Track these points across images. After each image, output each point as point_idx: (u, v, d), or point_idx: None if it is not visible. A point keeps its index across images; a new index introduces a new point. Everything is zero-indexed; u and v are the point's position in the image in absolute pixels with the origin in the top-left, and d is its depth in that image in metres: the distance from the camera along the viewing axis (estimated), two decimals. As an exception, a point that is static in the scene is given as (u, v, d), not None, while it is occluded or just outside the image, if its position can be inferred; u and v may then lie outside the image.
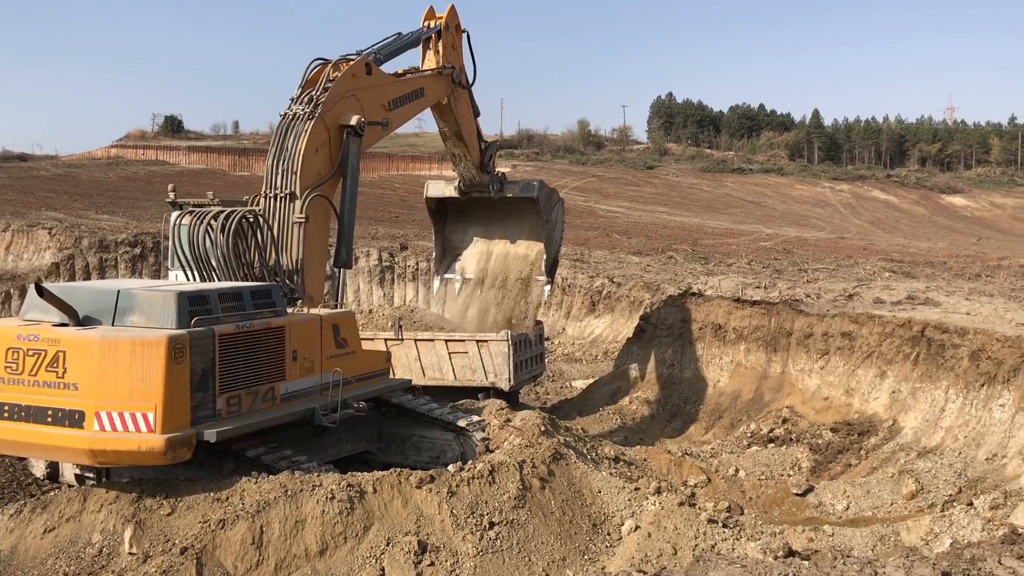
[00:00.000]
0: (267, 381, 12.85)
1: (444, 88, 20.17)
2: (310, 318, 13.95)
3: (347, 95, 16.17)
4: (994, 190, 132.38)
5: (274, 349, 12.97)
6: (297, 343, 13.35)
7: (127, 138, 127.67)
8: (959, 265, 44.48)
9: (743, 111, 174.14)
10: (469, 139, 22.04)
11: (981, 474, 15.09)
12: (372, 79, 17.05)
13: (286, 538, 10.89)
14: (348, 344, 14.51)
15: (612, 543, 12.39)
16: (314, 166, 15.31)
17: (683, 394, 23.81)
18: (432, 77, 19.71)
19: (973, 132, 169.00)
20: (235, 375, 12.24)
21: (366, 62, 16.87)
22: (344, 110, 16.05)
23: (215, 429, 11.56)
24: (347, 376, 14.13)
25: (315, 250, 15.19)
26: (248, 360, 12.50)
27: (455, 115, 21.02)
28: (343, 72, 16.20)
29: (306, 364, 13.49)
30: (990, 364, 16.82)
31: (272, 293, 13.50)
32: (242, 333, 12.34)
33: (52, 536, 10.94)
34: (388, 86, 17.78)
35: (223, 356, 11.98)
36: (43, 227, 42.94)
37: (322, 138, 15.52)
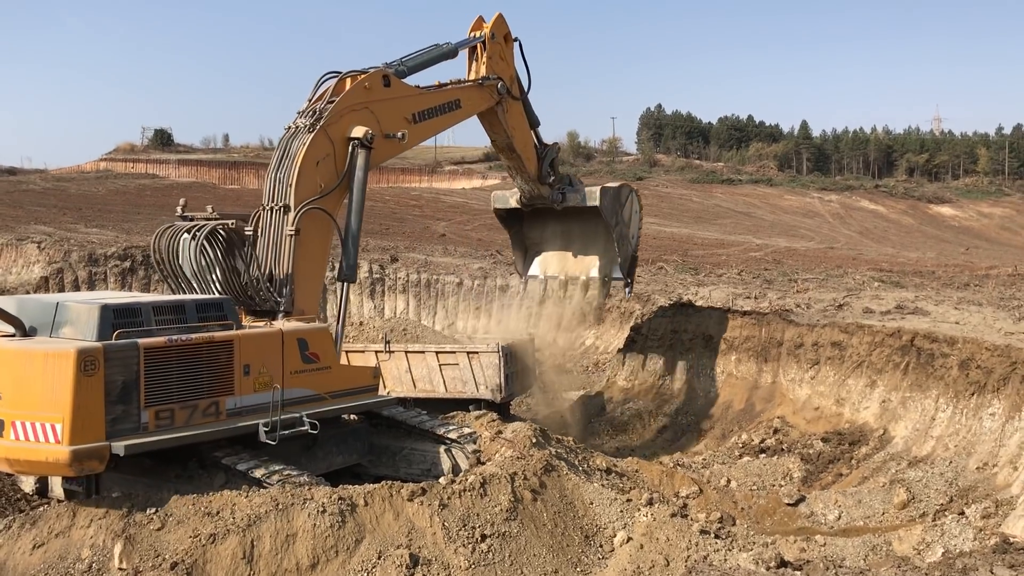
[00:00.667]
0: (209, 395, 12.72)
1: (485, 100, 19.61)
2: (267, 332, 13.67)
3: (358, 107, 15.95)
4: (981, 200, 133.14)
5: (218, 363, 12.82)
6: (249, 357, 13.14)
7: (116, 151, 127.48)
8: (948, 275, 44.66)
9: (732, 122, 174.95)
10: (522, 151, 21.31)
11: (972, 483, 15.14)
12: (391, 91, 16.75)
13: (277, 552, 10.84)
14: (320, 359, 14.12)
15: (604, 555, 12.36)
16: (313, 178, 15.17)
17: (674, 405, 23.83)
18: (470, 89, 19.21)
19: (960, 142, 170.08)
20: (165, 388, 12.19)
21: (384, 74, 16.63)
22: (353, 122, 15.82)
23: (130, 442, 11.58)
24: (321, 392, 13.96)
25: (308, 263, 15.06)
26: (183, 373, 12.41)
27: (504, 127, 20.44)
28: (354, 84, 16.04)
29: (262, 379, 13.29)
30: (979, 373, 16.89)
31: (223, 306, 13.41)
32: (175, 346, 12.28)
33: (41, 552, 10.86)
34: (411, 98, 17.38)
35: (149, 369, 11.97)
36: (32, 241, 42.73)
37: (324, 150, 15.38)
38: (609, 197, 22.40)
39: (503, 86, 19.89)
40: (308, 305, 15.02)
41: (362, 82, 16.15)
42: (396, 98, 16.92)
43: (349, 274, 15.82)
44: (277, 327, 13.92)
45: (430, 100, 17.87)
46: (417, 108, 17.45)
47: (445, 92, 18.44)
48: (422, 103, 17.60)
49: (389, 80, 16.76)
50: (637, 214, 23.72)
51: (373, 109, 16.24)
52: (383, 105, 16.50)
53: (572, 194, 22.61)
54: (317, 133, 15.24)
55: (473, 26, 20.04)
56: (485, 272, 41.87)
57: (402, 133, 16.73)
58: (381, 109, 16.43)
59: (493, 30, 19.85)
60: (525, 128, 21.30)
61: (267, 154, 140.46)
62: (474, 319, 39.69)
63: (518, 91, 20.72)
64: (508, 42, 20.41)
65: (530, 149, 21.58)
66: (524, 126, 21.22)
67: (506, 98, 20.13)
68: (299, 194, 14.90)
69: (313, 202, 15.06)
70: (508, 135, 20.63)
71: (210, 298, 13.63)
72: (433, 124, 18.11)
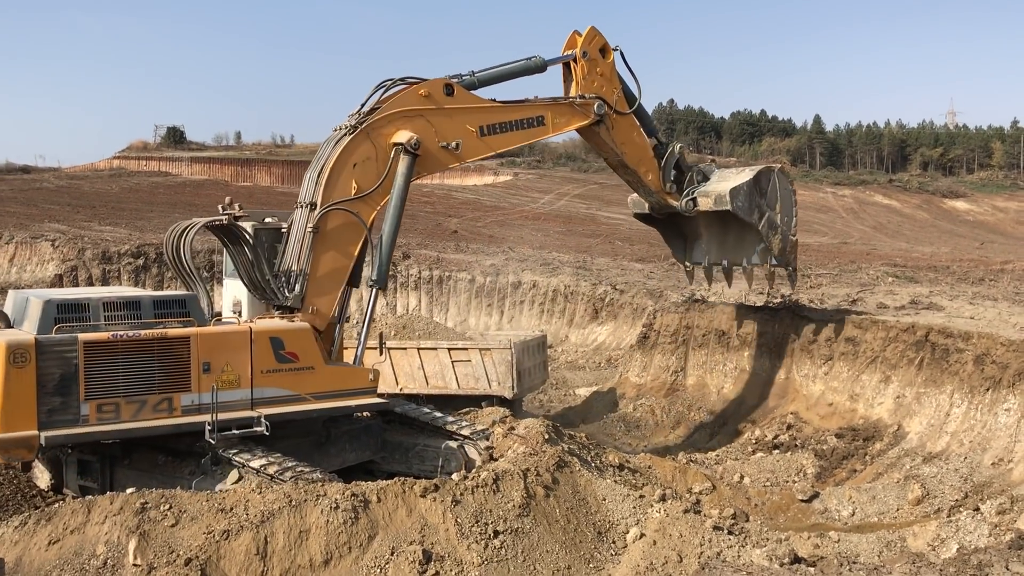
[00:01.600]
0: (161, 391, 12.87)
1: (577, 119, 18.57)
2: (231, 330, 13.70)
3: (412, 115, 15.77)
4: (997, 194, 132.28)
5: (172, 359, 12.94)
6: (210, 355, 13.22)
7: (129, 149, 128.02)
8: (962, 269, 44.38)
9: (744, 117, 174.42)
10: (637, 165, 20.04)
11: (987, 479, 15.05)
12: (453, 100, 16.39)
13: (290, 548, 10.87)
14: (299, 359, 14.03)
15: (617, 551, 12.35)
16: (347, 180, 15.14)
17: (687, 401, 23.78)
18: (560, 106, 18.35)
19: (975, 136, 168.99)
20: (108, 382, 12.45)
21: (446, 83, 16.34)
22: (404, 129, 15.60)
23: (56, 433, 12.02)
24: (301, 393, 13.93)
25: (327, 263, 14.99)
26: (129, 369, 12.60)
27: (611, 145, 19.38)
28: (408, 90, 15.92)
29: (227, 377, 13.35)
30: (995, 368, 16.79)
31: (187, 303, 13.55)
32: (120, 341, 12.51)
33: (57, 548, 10.92)
34: (479, 110, 16.89)
35: (90, 363, 12.24)
36: (46, 239, 43.02)
37: (364, 154, 15.34)
38: (742, 197, 20.30)
39: (602, 105, 18.66)
40: (322, 304, 14.95)
41: (417, 89, 15.97)
42: (459, 108, 16.50)
43: (378, 281, 15.59)
44: (246, 325, 13.92)
45: (504, 114, 17.26)
46: (486, 121, 16.90)
47: (525, 107, 17.77)
48: (493, 116, 17.04)
49: (452, 89, 16.40)
50: (788, 193, 21.47)
51: (430, 118, 15.99)
52: (442, 114, 16.17)
53: (704, 197, 20.59)
54: (358, 135, 15.26)
55: (567, 42, 18.98)
56: (497, 268, 41.90)
57: (456, 143, 16.27)
58: (440, 118, 16.14)
59: (584, 47, 18.71)
60: (638, 142, 19.98)
61: (279, 151, 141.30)
62: (486, 316, 39.75)
63: (625, 105, 19.47)
64: (607, 54, 19.11)
65: (647, 162, 20.23)
66: (636, 140, 19.94)
67: (609, 116, 18.97)
68: (327, 193, 14.94)
69: (343, 203, 14.99)
70: (617, 152, 19.55)
71: (171, 295, 13.86)
72: (507, 138, 17.41)
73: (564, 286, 39.06)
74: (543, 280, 39.68)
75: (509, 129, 17.35)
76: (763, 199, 20.67)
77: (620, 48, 19.33)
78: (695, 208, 20.65)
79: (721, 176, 21.19)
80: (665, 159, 20.48)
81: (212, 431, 12.96)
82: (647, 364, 25.79)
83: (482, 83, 17.29)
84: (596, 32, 18.93)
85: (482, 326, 38.80)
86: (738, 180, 20.39)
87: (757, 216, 20.53)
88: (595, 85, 18.80)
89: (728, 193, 20.02)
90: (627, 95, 19.54)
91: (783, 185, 21.30)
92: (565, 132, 18.84)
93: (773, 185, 21.12)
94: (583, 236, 65.47)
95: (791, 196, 21.43)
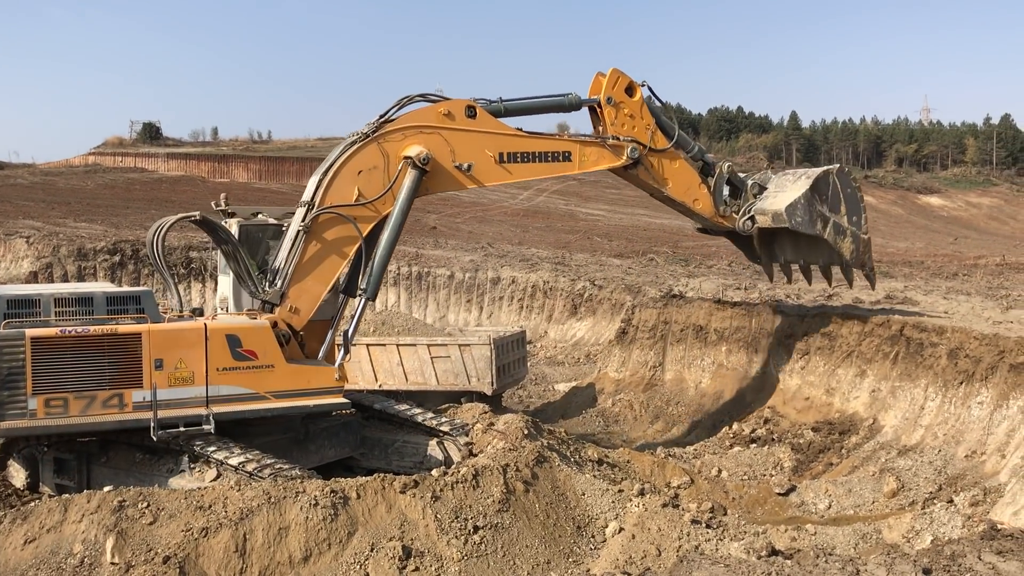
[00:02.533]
0: (112, 387, 12.95)
1: (607, 160, 17.98)
2: (184, 327, 13.67)
3: (430, 131, 15.70)
4: (970, 190, 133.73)
5: (123, 355, 13.02)
6: (162, 352, 13.25)
7: (105, 145, 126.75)
8: (936, 264, 44.86)
9: (721, 113, 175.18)
10: (684, 197, 19.20)
11: (961, 471, 15.24)
12: (474, 123, 16.22)
13: (270, 545, 10.85)
14: (258, 357, 13.97)
15: (596, 545, 12.42)
16: (349, 186, 15.11)
17: (665, 396, 23.89)
18: (590, 145, 17.84)
19: (949, 133, 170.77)
20: (56, 378, 12.61)
21: (469, 104, 16.22)
22: (416, 143, 15.54)
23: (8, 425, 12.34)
24: (260, 391, 13.89)
25: (314, 265, 14.93)
26: (78, 364, 12.73)
27: (652, 183, 18.73)
28: (428, 108, 15.89)
29: (180, 374, 13.37)
30: (968, 362, 16.98)
31: (141, 299, 13.60)
32: (69, 337, 12.65)
33: (33, 547, 10.84)
34: (500, 135, 16.61)
35: (37, 358, 12.43)
36: (21, 236, 42.53)
37: (372, 162, 15.30)
38: (800, 211, 19.09)
39: (636, 149, 18.03)
40: (302, 303, 14.87)
41: (438, 107, 15.93)
42: (479, 131, 16.32)
43: (368, 291, 15.47)
44: (201, 322, 13.91)
45: (527, 144, 16.94)
46: (507, 148, 16.61)
47: (552, 140, 17.47)
48: (515, 144, 16.74)
49: (475, 111, 16.28)
50: (852, 193, 20.06)
51: (447, 136, 15.90)
52: (461, 135, 16.06)
53: (761, 215, 19.52)
54: (368, 144, 15.26)
55: (592, 86, 18.32)
56: (476, 265, 41.88)
57: (469, 164, 16.09)
58: (458, 139, 16.03)
59: (608, 93, 17.94)
60: (682, 174, 19.07)
61: (256, 147, 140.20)
62: (465, 312, 39.72)
63: (663, 140, 18.66)
64: (633, 92, 18.28)
65: (694, 190, 19.26)
66: (680, 172, 19.02)
67: (646, 157, 18.35)
68: (325, 196, 14.93)
69: (338, 208, 14.94)
70: (661, 189, 18.89)
71: (126, 291, 13.93)
72: (528, 169, 17.04)
73: (543, 282, 39.11)
74: (522, 276, 39.70)
75: (531, 160, 16.96)
76: (824, 205, 19.51)
77: (647, 83, 18.56)
78: (754, 226, 19.83)
79: (778, 185, 20.15)
80: (715, 182, 19.55)
81: (154, 428, 12.99)
82: (626, 359, 25.89)
83: (509, 112, 17.03)
84: (619, 73, 18.21)
85: (461, 322, 38.77)
86: (795, 193, 19.25)
87: (821, 225, 19.46)
88: (625, 128, 18.15)
89: (785, 211, 19.03)
90: (663, 127, 18.80)
91: (845, 185, 20.03)
92: (593, 170, 18.26)
93: (834, 188, 19.88)
94: (562, 232, 65.58)
95: (856, 195, 20.21)
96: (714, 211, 19.55)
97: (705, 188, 19.38)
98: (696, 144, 19.77)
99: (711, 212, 19.54)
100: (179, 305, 14.75)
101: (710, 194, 19.44)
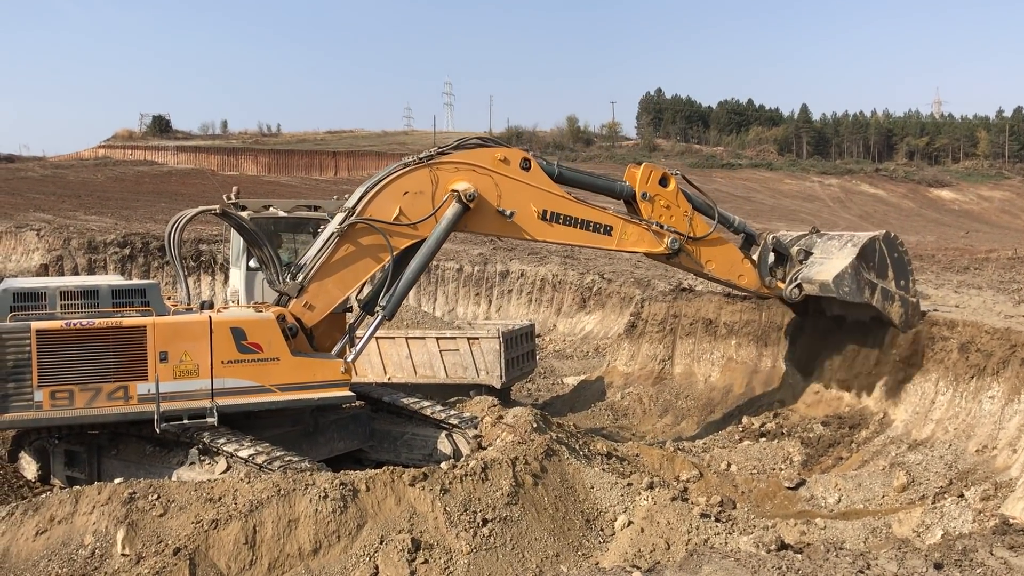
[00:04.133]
0: (116, 379, 13.03)
1: (646, 243, 17.96)
2: (189, 320, 13.69)
3: (483, 172, 15.77)
4: (982, 183, 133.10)
5: (127, 348, 13.08)
6: (167, 344, 13.30)
7: (115, 138, 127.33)
8: (948, 258, 44.62)
9: (732, 106, 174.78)
10: (727, 276, 19.04)
11: (971, 466, 15.18)
12: (526, 175, 16.24)
13: (279, 537, 10.88)
14: (262, 350, 13.99)
15: (605, 539, 12.41)
16: (392, 204, 15.14)
17: (674, 389, 23.85)
18: (634, 226, 17.76)
19: (960, 125, 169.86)
20: (62, 370, 12.73)
21: (525, 156, 16.29)
22: (468, 181, 15.59)
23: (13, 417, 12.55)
24: (265, 384, 13.92)
25: (338, 268, 14.94)
26: (83, 357, 12.83)
27: (694, 268, 18.66)
28: (488, 150, 15.99)
29: (185, 367, 13.42)
30: (979, 356, 16.90)
31: (147, 292, 13.63)
32: (74, 330, 12.77)
33: (44, 538, 10.90)
34: (547, 193, 16.55)
35: (43, 350, 12.56)
36: (31, 228, 42.72)
37: (420, 186, 15.34)
38: (848, 281, 18.62)
39: (676, 240, 17.92)
40: (319, 303, 14.84)
41: (495, 152, 16.01)
42: (532, 186, 16.33)
43: (387, 309, 15.44)
44: (206, 315, 13.93)
45: (573, 209, 16.92)
46: (552, 207, 16.61)
47: (597, 211, 17.32)
48: (560, 206, 16.72)
49: (530, 164, 16.31)
50: (900, 258, 19.47)
51: (498, 181, 15.96)
52: (512, 182, 16.10)
53: (808, 284, 19.15)
54: (420, 168, 15.34)
55: (627, 175, 18.34)
56: (485, 258, 41.88)
57: (511, 212, 16.09)
58: (508, 185, 16.07)
59: (643, 189, 17.83)
60: (724, 254, 18.86)
61: (265, 140, 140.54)
62: (474, 305, 39.76)
63: (703, 226, 18.47)
64: (667, 183, 18.11)
65: (737, 267, 19.03)
66: (722, 253, 18.83)
67: (686, 246, 18.21)
68: (367, 208, 14.98)
69: (374, 222, 14.96)
70: (703, 272, 18.82)
71: (132, 284, 13.93)
72: (567, 232, 16.95)
73: (552, 275, 39.10)
74: (531, 269, 39.70)
75: (572, 224, 16.90)
76: (872, 272, 19.00)
77: (679, 172, 18.61)
78: (802, 294, 19.43)
79: (824, 251, 19.75)
80: (759, 256, 19.31)
81: (157, 421, 13.07)
82: (635, 353, 25.85)
83: (560, 178, 16.99)
84: (651, 168, 18.17)
85: (470, 315, 38.82)
86: (842, 262, 18.88)
87: (868, 293, 18.91)
88: (663, 218, 18.06)
89: (832, 281, 18.61)
90: (700, 209, 18.62)
91: (891, 250, 19.47)
92: (630, 251, 18.25)
93: (880, 254, 19.35)
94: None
95: (903, 259, 19.64)
96: (759, 284, 19.31)
97: (748, 263, 19.16)
98: (736, 218, 19.58)
99: (756, 285, 19.31)
100: (187, 298, 14.80)
101: (754, 267, 19.21)
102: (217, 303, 16.94)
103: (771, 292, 19.56)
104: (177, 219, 14.44)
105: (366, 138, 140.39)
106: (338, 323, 15.44)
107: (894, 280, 19.29)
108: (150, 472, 13.36)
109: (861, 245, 19.06)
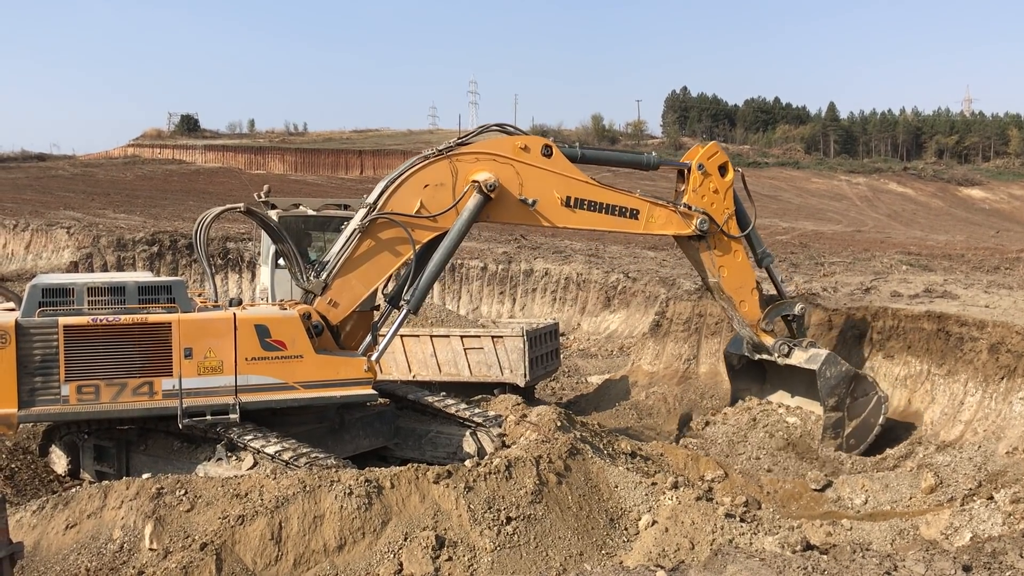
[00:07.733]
0: (141, 375, 13.16)
1: (675, 226, 17.69)
2: (214, 316, 13.77)
3: (504, 161, 15.64)
4: (1013, 182, 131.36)
5: (152, 344, 13.21)
6: (192, 341, 13.40)
7: (143, 137, 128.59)
8: (977, 258, 44.12)
9: (758, 104, 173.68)
10: (733, 292, 18.59)
11: (1001, 468, 14.99)
12: (548, 162, 16.08)
13: (305, 533, 10.95)
14: (287, 347, 14.02)
15: (629, 538, 12.39)
16: (412, 198, 15.13)
17: (700, 389, 23.74)
18: (660, 208, 17.53)
19: (991, 123, 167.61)
20: (88, 365, 12.90)
21: (546, 143, 16.17)
22: (488, 171, 15.49)
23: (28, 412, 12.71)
24: (289, 382, 13.97)
25: (361, 263, 14.98)
26: (109, 352, 12.99)
27: (709, 264, 18.30)
28: (507, 138, 15.92)
29: (209, 363, 13.51)
30: (1010, 357, 16.71)
31: (172, 289, 13.73)
32: (100, 326, 12.94)
33: (74, 532, 11.05)
34: (570, 180, 16.39)
35: (70, 346, 12.74)
36: (61, 226, 43.27)
37: (440, 179, 15.30)
38: (835, 373, 18.18)
39: (705, 221, 17.73)
40: (343, 299, 14.90)
41: (516, 140, 15.91)
42: (554, 173, 16.20)
43: (411, 302, 15.38)
44: (231, 312, 14.00)
45: (597, 194, 16.73)
46: (576, 193, 16.42)
47: (622, 195, 17.15)
48: (584, 191, 16.53)
49: (551, 151, 16.15)
50: (877, 416, 18.34)
51: (519, 169, 15.83)
52: (533, 170, 15.97)
53: (800, 351, 18.76)
54: (440, 160, 15.31)
55: (689, 152, 18.37)
56: (509, 256, 41.89)
57: (534, 200, 15.94)
58: (529, 173, 15.93)
59: (701, 161, 17.84)
60: (741, 270, 18.60)
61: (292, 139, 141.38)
62: (498, 303, 39.77)
63: (736, 228, 18.36)
64: (726, 172, 18.17)
65: (745, 291, 18.70)
66: (739, 267, 18.57)
67: (714, 235, 18.05)
68: (388, 203, 15.02)
69: (395, 215, 14.97)
70: (715, 273, 18.35)
71: (158, 281, 14.04)
72: (592, 218, 16.75)
73: (576, 274, 39.04)
74: (555, 268, 39.65)
75: (597, 210, 16.73)
76: (850, 398, 18.31)
77: (742, 171, 18.59)
78: (787, 357, 18.81)
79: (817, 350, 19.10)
80: (780, 307, 19.24)
81: (181, 416, 13.22)
82: (659, 352, 25.75)
83: (585, 159, 16.91)
84: (718, 148, 18.21)
85: (494, 314, 38.84)
86: (843, 366, 18.44)
87: (833, 402, 18.20)
88: (705, 200, 17.90)
89: (824, 356, 18.28)
90: (740, 217, 18.54)
91: (875, 414, 18.30)
92: (658, 233, 17.98)
93: (865, 399, 18.38)
94: (596, 224, 65.15)
95: (872, 429, 18.34)
96: (756, 320, 18.88)
97: (757, 295, 18.89)
98: (765, 248, 19.37)
99: (754, 319, 18.84)
100: (215, 295, 14.92)
101: (760, 304, 18.93)
102: (245, 300, 17.06)
103: (763, 336, 18.96)
104: (203, 217, 14.57)
105: (392, 137, 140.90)
106: (365, 321, 15.49)
107: (853, 430, 18.37)
108: (178, 467, 13.50)
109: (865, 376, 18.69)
